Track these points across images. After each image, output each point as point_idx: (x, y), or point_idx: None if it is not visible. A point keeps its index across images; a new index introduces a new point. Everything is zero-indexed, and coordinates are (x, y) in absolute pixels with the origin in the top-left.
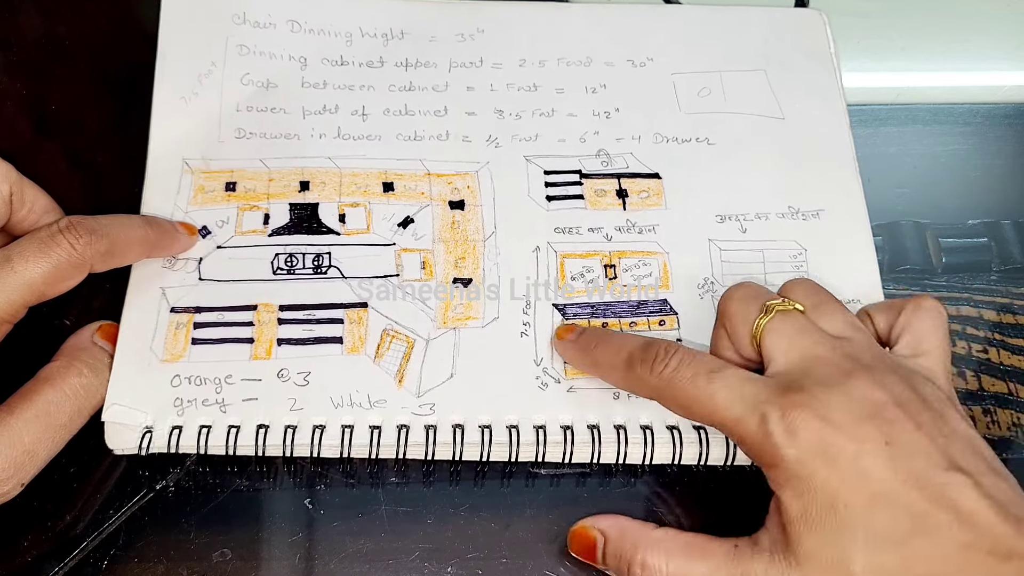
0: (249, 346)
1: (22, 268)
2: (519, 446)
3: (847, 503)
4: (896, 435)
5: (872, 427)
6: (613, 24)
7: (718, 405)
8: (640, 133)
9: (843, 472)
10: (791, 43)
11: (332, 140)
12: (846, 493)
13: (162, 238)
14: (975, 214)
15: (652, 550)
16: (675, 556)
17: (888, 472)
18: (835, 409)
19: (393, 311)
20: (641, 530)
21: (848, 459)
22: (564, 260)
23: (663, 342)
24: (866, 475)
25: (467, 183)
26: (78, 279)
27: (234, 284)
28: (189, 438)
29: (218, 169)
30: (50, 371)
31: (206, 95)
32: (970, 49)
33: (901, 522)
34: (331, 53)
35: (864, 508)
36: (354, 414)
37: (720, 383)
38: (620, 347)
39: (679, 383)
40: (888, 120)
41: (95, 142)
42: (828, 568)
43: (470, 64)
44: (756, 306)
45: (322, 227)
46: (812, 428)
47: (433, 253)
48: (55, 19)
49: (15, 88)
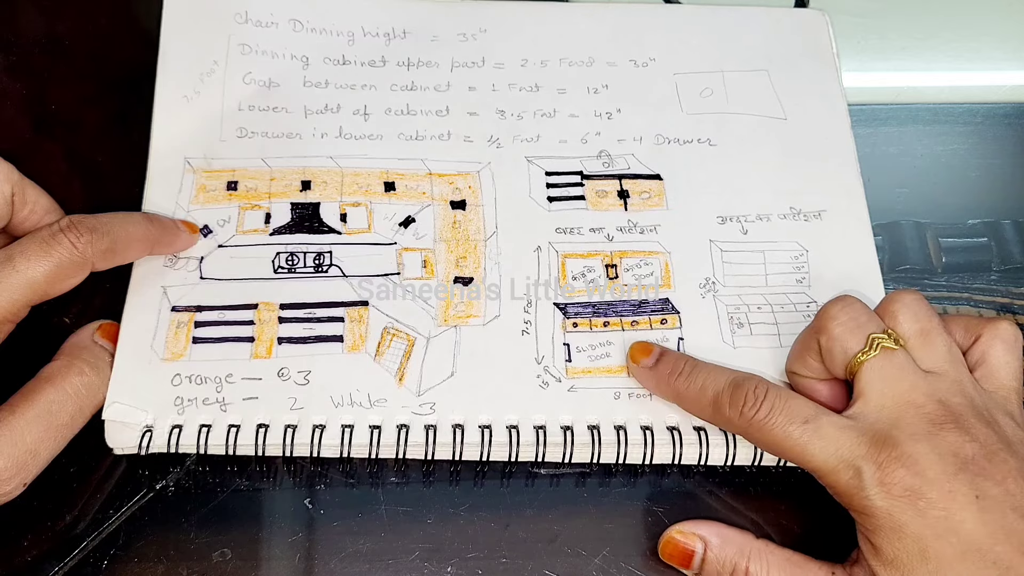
0: (250, 345)
1: (24, 267)
2: (519, 447)
3: (937, 554)
4: (986, 489)
5: (961, 482)
6: (615, 24)
7: (813, 456)
8: (642, 134)
9: (934, 525)
10: (793, 44)
11: (334, 139)
12: (936, 545)
13: (163, 235)
14: (975, 214)
15: (756, 559)
16: (775, 569)
17: (978, 526)
18: (926, 463)
19: (394, 309)
20: (743, 537)
21: (938, 513)
22: (565, 260)
23: (751, 382)
24: (956, 529)
25: (468, 183)
26: (80, 278)
27: (235, 283)
28: (189, 437)
29: (220, 168)
30: (51, 370)
31: (208, 94)
32: (970, 49)
33: (989, 573)
34: (333, 52)
35: (954, 559)
36: (354, 413)
37: (813, 434)
38: (705, 385)
39: (771, 429)
40: (888, 120)
41: (95, 142)
42: None
43: (472, 64)
44: (860, 337)
45: (323, 226)
46: (905, 483)
47: (434, 252)
48: (55, 19)
49: (15, 88)
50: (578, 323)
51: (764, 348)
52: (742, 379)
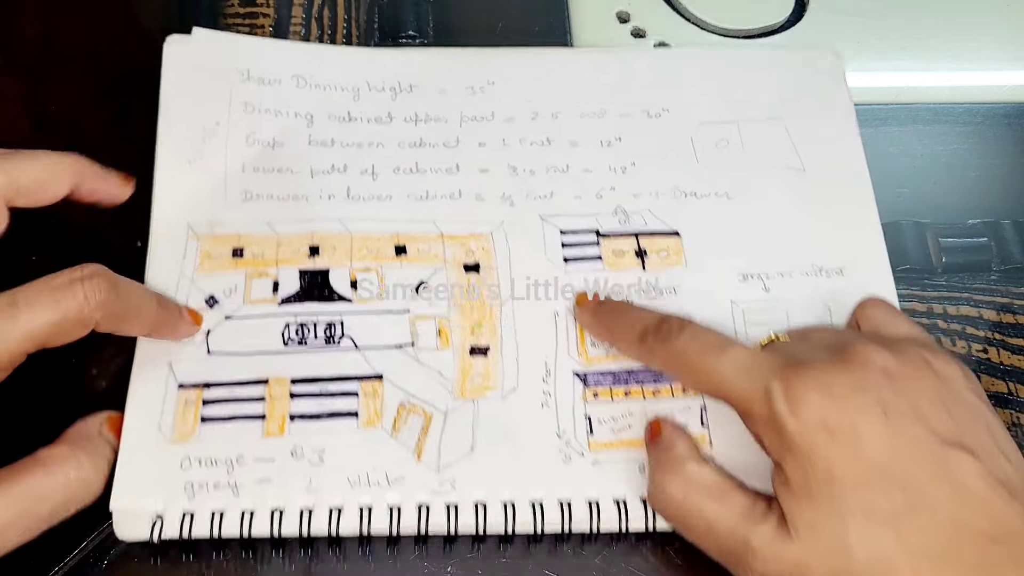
0: (261, 423)
1: (27, 317)
2: (544, 524)
3: (843, 477)
4: (894, 405)
5: (869, 398)
6: (626, 71)
7: (726, 378)
8: (658, 188)
9: (841, 446)
10: (807, 88)
11: (342, 201)
12: (843, 467)
13: (166, 322)
14: (975, 214)
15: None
16: (698, 491)
17: (884, 444)
18: (835, 380)
19: (409, 383)
20: (688, 450)
21: (846, 432)
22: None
23: (676, 317)
24: (862, 449)
25: (482, 244)
26: (81, 335)
27: (244, 357)
28: (202, 524)
29: (224, 234)
30: (49, 455)
31: (211, 156)
32: (970, 49)
33: (896, 497)
34: (338, 109)
35: (860, 483)
36: (372, 493)
37: (728, 357)
38: (635, 320)
39: (689, 356)
40: (888, 120)
41: (95, 142)
42: (825, 541)
43: (481, 118)
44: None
45: (333, 294)
46: (813, 401)
47: (449, 320)
48: (55, 19)
49: (15, 88)
50: (599, 392)
51: None
52: (669, 315)
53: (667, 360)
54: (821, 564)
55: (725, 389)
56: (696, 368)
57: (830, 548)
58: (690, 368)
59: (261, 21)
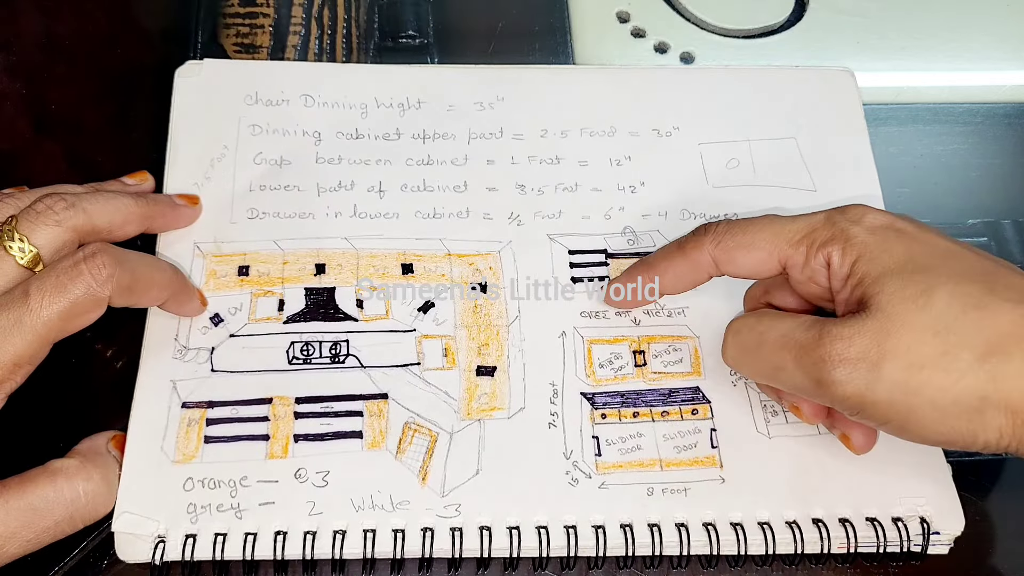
0: (265, 443)
1: (38, 306)
2: (549, 548)
3: (923, 255)
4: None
5: (930, 231)
6: (637, 89)
7: (781, 231)
8: (667, 209)
9: (918, 239)
10: (821, 106)
11: (348, 219)
12: (919, 251)
13: (183, 291)
14: (975, 214)
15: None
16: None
17: (953, 244)
18: (882, 212)
19: (415, 403)
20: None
21: (913, 233)
22: (591, 346)
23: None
24: (935, 242)
25: (489, 264)
26: (97, 314)
27: (248, 375)
28: (204, 547)
29: (230, 252)
30: (60, 466)
31: (218, 178)
32: (970, 49)
33: (976, 264)
34: (346, 126)
35: (941, 257)
36: (376, 517)
37: (774, 222)
38: (671, 243)
39: (738, 239)
40: (888, 120)
41: (95, 142)
42: (910, 301)
43: (490, 135)
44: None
45: (339, 313)
46: (872, 214)
47: (455, 339)
48: (55, 19)
49: (15, 88)
50: (607, 414)
51: (801, 436)
52: (705, 224)
53: (717, 257)
54: (905, 324)
55: (788, 234)
56: (752, 243)
57: (916, 306)
58: (747, 246)
59: (261, 21)
